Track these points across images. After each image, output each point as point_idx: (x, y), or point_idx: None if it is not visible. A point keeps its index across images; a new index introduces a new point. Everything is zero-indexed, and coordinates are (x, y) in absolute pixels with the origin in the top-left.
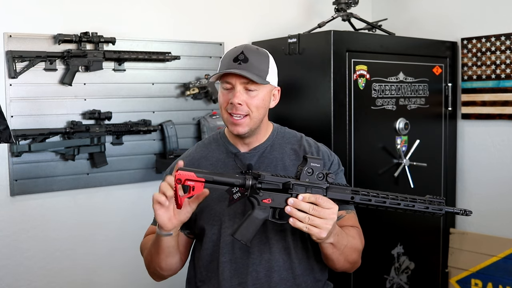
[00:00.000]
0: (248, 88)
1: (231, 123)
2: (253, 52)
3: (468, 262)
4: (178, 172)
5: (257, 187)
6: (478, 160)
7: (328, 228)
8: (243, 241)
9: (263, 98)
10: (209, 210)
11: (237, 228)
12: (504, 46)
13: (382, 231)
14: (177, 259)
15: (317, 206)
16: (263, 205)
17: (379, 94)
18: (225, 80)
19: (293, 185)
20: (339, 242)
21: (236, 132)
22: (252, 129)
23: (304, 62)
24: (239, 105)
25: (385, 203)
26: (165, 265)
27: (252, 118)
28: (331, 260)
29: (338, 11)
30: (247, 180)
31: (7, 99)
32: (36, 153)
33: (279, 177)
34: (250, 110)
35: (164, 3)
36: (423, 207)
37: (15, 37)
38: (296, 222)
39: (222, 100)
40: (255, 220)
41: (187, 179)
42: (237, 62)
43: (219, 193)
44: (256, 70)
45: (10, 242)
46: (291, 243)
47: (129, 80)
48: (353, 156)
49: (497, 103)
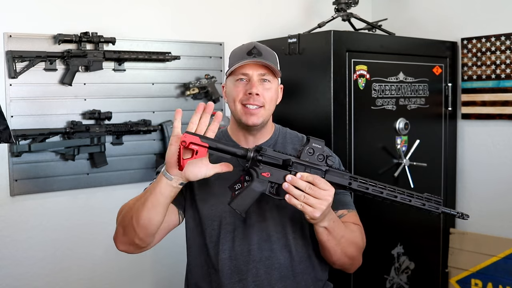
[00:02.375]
0: (264, 79)
1: (245, 113)
2: (264, 48)
3: (468, 262)
4: (184, 135)
5: (257, 159)
6: (478, 160)
7: (322, 208)
8: (238, 210)
9: (276, 91)
10: (210, 206)
11: (233, 198)
12: (504, 46)
13: (382, 231)
14: (158, 220)
15: (313, 186)
16: (262, 178)
17: (379, 94)
18: (240, 72)
19: (293, 163)
20: (335, 229)
21: (251, 122)
22: (264, 122)
23: (304, 62)
24: (257, 95)
25: (382, 194)
26: (144, 218)
27: (266, 110)
28: (327, 250)
29: (338, 11)
30: (249, 151)
31: (7, 99)
32: (36, 153)
33: (280, 153)
34: (265, 102)
35: (164, 3)
36: (419, 204)
37: (15, 37)
38: (291, 199)
39: (237, 92)
40: (252, 192)
41: (191, 142)
42: (251, 55)
43: (221, 189)
44: (270, 63)
45: (10, 242)
46: (292, 240)
47: (129, 80)
48: (353, 156)
49: (497, 103)
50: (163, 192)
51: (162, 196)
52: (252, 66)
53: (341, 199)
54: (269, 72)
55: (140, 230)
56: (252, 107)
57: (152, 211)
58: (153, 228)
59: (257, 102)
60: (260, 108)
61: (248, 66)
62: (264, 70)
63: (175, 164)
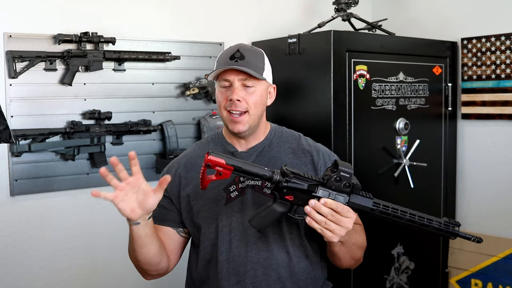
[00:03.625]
0: (246, 85)
1: (231, 121)
2: (249, 50)
3: (468, 262)
4: (209, 157)
5: (283, 186)
6: (478, 160)
7: (342, 235)
8: (257, 228)
9: (261, 94)
10: (206, 209)
11: (254, 216)
12: (504, 46)
13: (382, 231)
14: (155, 252)
15: (336, 213)
16: (285, 201)
17: (379, 94)
18: (222, 78)
19: (318, 189)
20: (348, 240)
21: (236, 130)
22: (252, 127)
23: (304, 62)
24: (238, 101)
25: (402, 220)
26: (142, 258)
27: (251, 115)
28: (337, 257)
29: (338, 11)
30: (275, 175)
31: (7, 99)
32: (36, 153)
33: (306, 178)
34: (249, 107)
35: (164, 3)
36: (437, 228)
37: (15, 37)
38: (312, 222)
39: (221, 99)
40: (274, 213)
41: (216, 165)
42: (233, 60)
43: (216, 192)
44: (253, 67)
45: (10, 242)
46: (289, 241)
47: (129, 80)
48: (353, 156)
49: (497, 103)
50: (140, 234)
51: (140, 237)
52: (233, 72)
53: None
54: (250, 77)
55: (146, 266)
56: (236, 114)
57: (143, 250)
58: (156, 260)
59: (239, 108)
60: (244, 114)
61: (229, 71)
62: (245, 75)
63: (132, 212)
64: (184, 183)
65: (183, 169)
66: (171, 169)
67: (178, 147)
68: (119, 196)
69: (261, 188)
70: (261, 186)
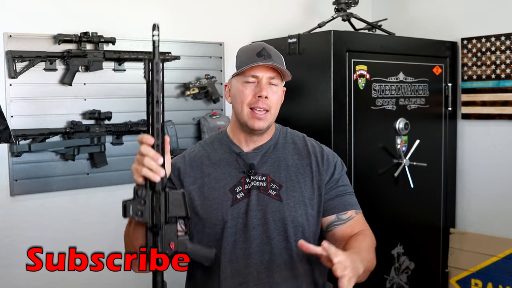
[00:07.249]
0: (272, 83)
1: (252, 118)
2: (273, 50)
3: (468, 262)
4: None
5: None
6: (478, 160)
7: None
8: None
9: (281, 95)
10: (212, 210)
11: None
12: (504, 46)
13: (382, 231)
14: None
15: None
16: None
17: (379, 94)
18: (250, 74)
19: None
20: (359, 273)
21: (257, 127)
22: (269, 126)
23: (304, 62)
24: (266, 98)
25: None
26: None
27: (271, 114)
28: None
29: (338, 11)
30: None
31: (7, 99)
32: (36, 153)
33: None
34: (272, 106)
35: (164, 3)
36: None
37: (15, 37)
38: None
39: (245, 94)
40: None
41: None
42: (261, 57)
43: (222, 193)
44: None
45: (10, 242)
46: (293, 243)
47: (129, 80)
48: (353, 156)
49: (497, 103)
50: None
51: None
52: (262, 68)
53: (349, 200)
54: (277, 76)
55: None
56: (260, 112)
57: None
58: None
59: (265, 106)
60: (266, 112)
61: (258, 68)
62: (274, 73)
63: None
64: (188, 180)
65: (188, 166)
66: (175, 166)
67: (178, 147)
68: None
69: (266, 190)
70: (266, 187)
